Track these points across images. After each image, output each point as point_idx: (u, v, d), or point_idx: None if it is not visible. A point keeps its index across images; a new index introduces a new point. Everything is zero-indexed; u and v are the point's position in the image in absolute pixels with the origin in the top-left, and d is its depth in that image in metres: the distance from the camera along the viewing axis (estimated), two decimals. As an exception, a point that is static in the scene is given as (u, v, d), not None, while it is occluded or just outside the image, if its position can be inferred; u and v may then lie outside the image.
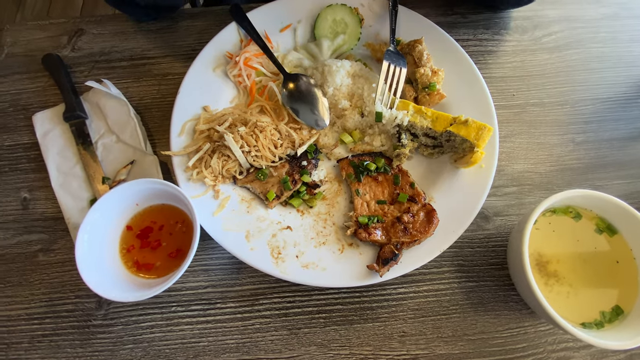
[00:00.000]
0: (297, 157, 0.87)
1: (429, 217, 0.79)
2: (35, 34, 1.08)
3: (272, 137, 0.86)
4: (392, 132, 0.87)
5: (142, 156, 0.91)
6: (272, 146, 0.86)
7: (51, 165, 0.91)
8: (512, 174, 0.93)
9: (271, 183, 0.85)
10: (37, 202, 0.91)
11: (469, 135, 0.80)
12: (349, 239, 0.82)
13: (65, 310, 0.83)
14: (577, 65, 1.04)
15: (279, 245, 0.80)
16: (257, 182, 0.85)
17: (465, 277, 0.84)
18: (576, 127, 0.98)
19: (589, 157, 0.95)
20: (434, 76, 0.89)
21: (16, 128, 0.98)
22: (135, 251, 0.79)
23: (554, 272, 0.77)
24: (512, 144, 0.96)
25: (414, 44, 0.91)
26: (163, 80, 1.03)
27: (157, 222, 0.81)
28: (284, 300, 0.82)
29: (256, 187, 0.85)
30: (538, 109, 0.99)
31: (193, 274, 0.84)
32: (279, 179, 0.84)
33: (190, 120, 0.90)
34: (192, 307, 0.82)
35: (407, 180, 0.85)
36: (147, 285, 0.74)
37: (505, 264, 0.85)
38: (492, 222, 0.88)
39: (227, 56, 0.96)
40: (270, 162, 0.86)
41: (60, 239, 0.88)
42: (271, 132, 0.86)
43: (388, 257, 0.75)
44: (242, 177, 0.86)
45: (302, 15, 1.01)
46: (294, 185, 0.84)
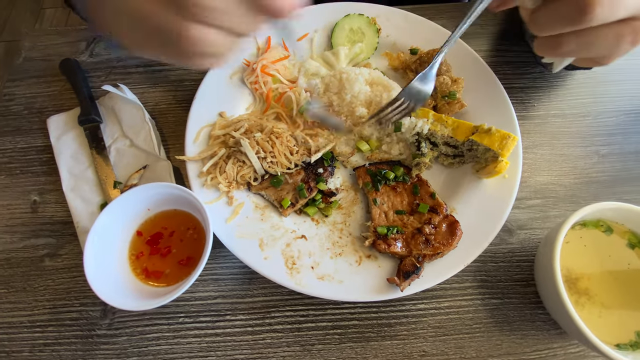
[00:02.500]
0: (312, 164, 0.85)
1: (452, 229, 0.75)
2: (54, 40, 1.09)
3: (287, 144, 0.84)
4: (411, 140, 0.85)
5: (155, 161, 0.90)
6: (288, 152, 0.84)
7: (63, 168, 0.90)
8: (535, 185, 0.89)
9: (286, 190, 0.82)
10: (47, 205, 0.89)
11: (493, 145, 0.77)
12: (366, 250, 0.79)
13: (69, 319, 0.79)
14: (598, 77, 1.02)
15: (294, 255, 0.77)
16: (271, 189, 0.83)
17: (489, 293, 0.79)
18: (600, 139, 0.95)
19: (615, 170, 0.91)
20: (453, 85, 0.87)
21: (30, 131, 0.97)
22: (145, 258, 0.76)
23: (585, 290, 0.72)
24: (535, 155, 0.93)
25: (433, 53, 0.90)
26: (179, 87, 1.02)
27: (168, 228, 0.78)
28: (297, 314, 0.78)
29: (270, 194, 0.82)
30: (560, 120, 0.97)
31: (203, 284, 0.81)
32: (294, 186, 0.82)
33: (206, 126, 0.89)
34: (201, 319, 0.78)
35: (427, 190, 0.82)
36: (155, 294, 0.71)
37: (531, 280, 0.80)
38: (516, 236, 0.84)
39: (244, 63, 0.96)
40: (286, 168, 0.84)
41: (67, 244, 0.85)
42: (287, 139, 0.85)
43: (410, 270, 0.71)
44: (256, 184, 0.83)
45: (319, 25, 1.01)
46: (309, 193, 0.81)
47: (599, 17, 0.48)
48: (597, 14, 0.47)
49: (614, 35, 0.51)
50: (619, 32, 0.50)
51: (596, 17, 0.48)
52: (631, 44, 0.52)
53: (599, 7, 0.47)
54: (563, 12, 0.49)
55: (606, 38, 0.51)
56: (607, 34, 0.51)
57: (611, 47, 0.52)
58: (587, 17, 0.48)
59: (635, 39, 0.51)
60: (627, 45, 0.52)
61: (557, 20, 0.50)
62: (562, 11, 0.49)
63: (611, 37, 0.51)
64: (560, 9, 0.49)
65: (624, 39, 0.51)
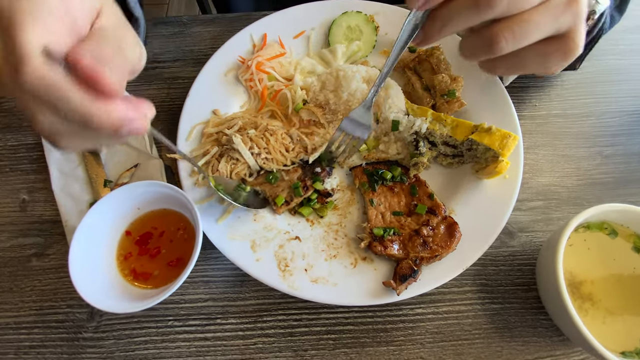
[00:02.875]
0: (310, 163, 0.83)
1: (450, 231, 0.73)
2: (49, 36, 1.07)
3: (283, 141, 0.82)
4: (409, 139, 0.82)
5: (146, 159, 0.87)
6: (284, 149, 0.81)
7: (53, 166, 0.88)
8: (537, 187, 0.87)
9: (281, 187, 0.80)
10: (36, 204, 0.87)
11: (493, 144, 0.75)
12: (362, 252, 0.76)
13: (55, 321, 0.77)
14: (599, 77, 1.00)
15: (287, 257, 0.75)
16: (267, 185, 0.80)
17: (489, 298, 0.77)
18: (603, 140, 0.92)
19: (619, 172, 0.89)
20: (452, 83, 0.85)
21: (20, 128, 0.96)
22: (133, 259, 0.74)
23: (588, 295, 0.69)
24: (536, 155, 0.90)
25: (432, 51, 0.88)
26: (173, 84, 1.00)
27: (157, 227, 0.76)
28: (290, 318, 0.76)
29: (265, 190, 0.80)
30: (562, 120, 0.94)
31: (193, 286, 0.78)
32: (290, 184, 0.80)
33: (199, 123, 0.87)
34: (190, 322, 0.75)
35: (425, 190, 0.79)
36: (143, 296, 0.69)
37: (533, 285, 0.78)
38: (517, 239, 0.82)
39: (239, 60, 0.94)
40: (282, 165, 0.82)
41: (55, 244, 0.83)
42: (282, 136, 0.83)
43: (406, 273, 0.69)
44: (251, 179, 0.81)
45: (316, 23, 0.99)
46: (304, 192, 0.79)
47: (506, 48, 0.50)
48: (503, 46, 0.50)
49: (537, 56, 0.53)
50: (542, 51, 0.52)
51: (503, 48, 0.50)
52: (562, 59, 0.53)
53: (503, 41, 0.49)
54: (477, 44, 0.52)
55: (531, 59, 0.53)
56: (530, 55, 0.53)
57: (542, 64, 0.54)
58: (495, 49, 0.50)
59: (564, 54, 0.52)
60: (557, 61, 0.53)
61: (475, 50, 0.53)
62: (477, 42, 0.52)
63: (536, 58, 0.53)
64: (475, 41, 0.52)
65: (550, 56, 0.53)
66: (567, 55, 0.52)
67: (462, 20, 0.50)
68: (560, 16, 0.50)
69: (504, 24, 0.50)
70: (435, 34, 0.54)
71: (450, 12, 0.51)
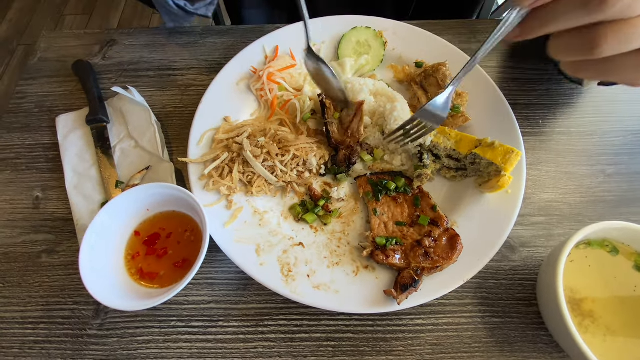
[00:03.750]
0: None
1: (452, 243, 0.74)
2: (69, 42, 1.12)
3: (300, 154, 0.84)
4: (414, 151, 0.84)
5: (158, 162, 0.90)
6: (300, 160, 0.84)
7: (67, 165, 0.91)
8: (539, 202, 0.88)
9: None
10: (49, 201, 0.90)
11: (496, 159, 0.76)
12: (364, 260, 0.77)
13: (61, 317, 0.79)
14: (605, 97, 1.02)
15: (290, 262, 0.76)
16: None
17: (490, 311, 0.77)
18: (606, 159, 0.93)
19: (622, 190, 0.90)
20: (458, 98, 0.87)
21: (39, 128, 0.99)
22: (141, 258, 0.76)
23: (589, 312, 0.69)
24: (539, 172, 0.91)
25: (438, 67, 0.91)
26: (186, 91, 1.04)
27: (165, 229, 0.78)
28: (291, 323, 0.76)
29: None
30: (565, 137, 0.96)
31: (197, 287, 0.80)
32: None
33: (210, 130, 0.90)
34: (193, 323, 0.77)
35: (428, 202, 0.81)
36: (149, 295, 0.70)
37: (533, 300, 0.78)
38: (519, 253, 0.82)
39: (251, 71, 0.98)
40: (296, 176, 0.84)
41: (66, 241, 0.85)
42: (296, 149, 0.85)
43: (407, 283, 0.70)
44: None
45: (327, 36, 1.03)
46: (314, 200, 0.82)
47: (607, 51, 0.49)
48: (605, 49, 0.48)
49: (632, 65, 0.51)
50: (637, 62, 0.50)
51: (604, 51, 0.48)
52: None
53: (605, 44, 0.48)
54: (575, 44, 0.50)
55: (624, 67, 0.51)
56: (624, 63, 0.51)
57: (632, 74, 0.52)
58: (595, 51, 0.49)
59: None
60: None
61: (570, 50, 0.51)
62: (575, 43, 0.50)
63: (629, 67, 0.51)
64: (573, 40, 0.50)
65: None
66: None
67: (567, 19, 0.49)
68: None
69: (612, 27, 0.48)
70: (537, 30, 0.52)
71: (556, 10, 0.49)
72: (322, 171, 0.86)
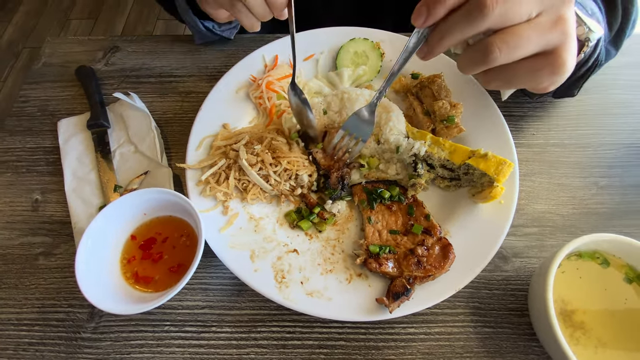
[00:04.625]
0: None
1: (445, 252, 0.75)
2: (74, 48, 1.15)
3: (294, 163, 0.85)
4: (408, 161, 0.85)
5: (156, 167, 0.92)
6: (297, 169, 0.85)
7: (67, 169, 0.93)
8: (532, 213, 0.89)
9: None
10: (48, 204, 0.91)
11: (489, 170, 0.77)
12: (357, 268, 0.78)
13: (56, 319, 0.79)
14: (598, 110, 1.03)
15: (284, 269, 0.77)
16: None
17: (482, 321, 0.77)
18: (599, 171, 0.94)
19: (614, 203, 0.90)
20: (452, 109, 0.89)
21: (40, 132, 1.01)
22: (136, 262, 0.76)
23: (580, 324, 0.70)
24: (532, 183, 0.93)
25: (434, 78, 0.93)
26: (187, 98, 1.06)
27: (162, 233, 0.79)
28: (284, 330, 0.77)
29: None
30: (559, 149, 0.97)
31: (191, 292, 0.80)
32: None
33: (209, 136, 0.91)
34: (186, 328, 0.77)
35: (422, 211, 0.82)
36: (143, 299, 0.71)
37: (525, 310, 0.78)
38: (511, 264, 0.83)
39: (250, 79, 1.00)
40: (292, 186, 0.85)
41: (63, 244, 0.86)
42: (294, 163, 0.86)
43: (399, 291, 0.70)
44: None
45: (325, 47, 1.05)
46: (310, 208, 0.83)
47: (500, 58, 0.54)
48: (497, 56, 0.54)
49: (528, 71, 0.57)
50: (533, 66, 0.56)
51: (497, 58, 0.54)
52: (551, 75, 0.56)
53: (497, 51, 0.54)
54: (474, 56, 0.57)
55: (523, 74, 0.57)
56: (521, 70, 0.57)
57: (533, 79, 0.58)
58: (489, 58, 0.55)
59: (553, 70, 0.56)
60: (548, 76, 0.57)
61: (471, 62, 0.58)
62: (473, 55, 0.57)
63: (527, 73, 0.57)
64: (472, 53, 0.57)
65: (541, 72, 0.56)
66: (556, 71, 0.56)
67: (458, 30, 0.55)
68: (547, 33, 0.54)
69: (497, 36, 0.54)
70: (437, 45, 0.58)
71: (447, 24, 0.55)
72: (315, 187, 0.87)
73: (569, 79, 0.84)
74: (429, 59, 0.63)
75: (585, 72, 0.84)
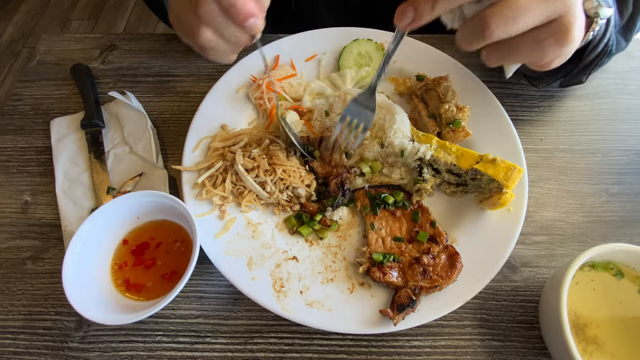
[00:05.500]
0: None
1: (452, 261, 0.71)
2: (70, 46, 1.12)
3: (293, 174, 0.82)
4: (413, 165, 0.82)
5: (151, 169, 0.88)
6: (298, 179, 0.81)
7: (59, 170, 0.89)
8: (541, 221, 0.85)
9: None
10: (38, 206, 0.87)
11: (497, 175, 0.74)
12: (360, 277, 0.74)
13: (43, 327, 0.75)
14: (607, 115, 1.00)
15: (283, 277, 0.73)
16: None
17: (490, 334, 0.74)
18: (610, 178, 0.91)
19: (625, 211, 0.87)
20: (459, 113, 0.86)
21: (33, 131, 0.98)
22: (128, 268, 0.73)
23: (593, 338, 0.66)
24: (541, 189, 0.89)
25: (440, 80, 0.90)
26: (185, 98, 1.03)
27: (155, 238, 0.75)
28: (282, 341, 0.73)
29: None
30: (568, 155, 0.94)
31: (185, 301, 0.76)
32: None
33: (207, 137, 0.88)
34: (179, 339, 0.73)
35: (427, 217, 0.79)
36: (133, 308, 0.67)
37: (535, 323, 0.75)
38: (520, 273, 0.80)
39: (251, 79, 0.97)
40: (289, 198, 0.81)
41: (52, 248, 0.83)
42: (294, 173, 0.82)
43: (404, 302, 0.67)
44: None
45: (328, 47, 1.03)
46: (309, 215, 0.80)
47: (497, 32, 0.52)
48: (494, 30, 0.52)
49: (531, 42, 0.54)
50: (536, 37, 0.54)
51: (494, 32, 0.52)
52: (556, 45, 0.54)
53: (493, 24, 0.52)
54: (470, 31, 0.55)
55: (526, 46, 0.55)
56: (524, 42, 0.55)
57: (536, 52, 0.56)
58: (487, 33, 0.53)
59: (558, 40, 0.54)
60: (552, 48, 0.55)
61: (469, 37, 0.55)
62: (470, 29, 0.55)
63: (530, 45, 0.55)
64: (468, 28, 0.55)
65: (544, 42, 0.54)
66: (561, 40, 0.53)
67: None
68: (549, 2, 0.51)
69: (493, 9, 0.52)
70: (426, 13, 0.55)
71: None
72: (314, 197, 0.83)
73: (578, 64, 0.82)
74: (415, 26, 0.59)
75: (595, 57, 0.81)
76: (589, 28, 0.68)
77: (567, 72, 0.87)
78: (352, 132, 0.80)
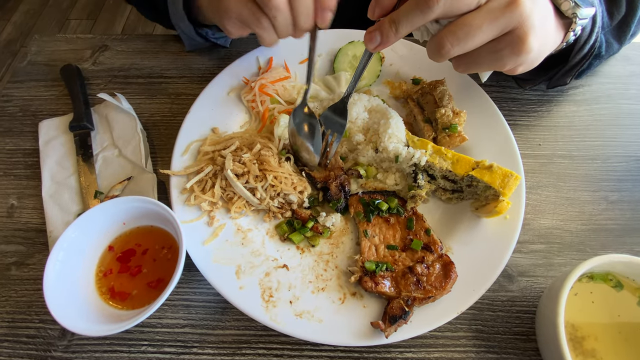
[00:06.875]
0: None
1: (446, 271, 0.69)
2: (61, 46, 1.10)
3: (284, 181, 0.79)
4: (408, 171, 0.80)
5: (140, 173, 0.86)
6: (290, 186, 0.79)
7: (46, 173, 0.87)
8: (538, 229, 0.83)
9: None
10: (24, 210, 0.85)
11: (494, 182, 0.72)
12: (352, 287, 0.72)
13: (26, 335, 0.73)
14: (607, 120, 0.98)
15: (272, 286, 0.71)
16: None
17: (485, 346, 0.72)
18: (609, 185, 0.89)
19: (625, 219, 0.85)
20: (455, 117, 0.84)
21: (21, 133, 0.96)
22: (113, 276, 0.71)
23: (591, 351, 0.64)
24: (539, 196, 0.87)
25: (436, 84, 0.88)
26: (176, 100, 1.01)
27: (141, 245, 0.73)
28: (271, 352, 0.71)
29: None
30: (566, 161, 0.92)
31: (172, 309, 0.74)
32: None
33: (197, 140, 0.86)
34: (165, 349, 0.71)
35: (422, 225, 0.76)
36: (117, 317, 0.65)
37: (532, 335, 0.72)
38: (517, 283, 0.78)
39: (243, 81, 0.95)
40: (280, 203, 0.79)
41: (37, 253, 0.81)
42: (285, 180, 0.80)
43: (396, 314, 0.65)
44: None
45: (322, 49, 1.01)
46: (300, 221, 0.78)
47: (452, 51, 0.57)
48: (449, 49, 0.57)
49: (490, 53, 0.58)
50: (494, 48, 0.58)
51: (449, 51, 0.57)
52: (513, 55, 0.58)
53: (448, 44, 0.57)
54: (431, 49, 0.60)
55: (485, 56, 0.59)
56: (482, 53, 0.59)
57: (496, 60, 0.59)
58: (443, 52, 0.58)
59: (514, 50, 0.57)
60: (510, 56, 0.58)
61: (433, 55, 0.60)
62: (431, 47, 0.60)
63: (489, 55, 0.59)
64: (430, 45, 0.60)
65: (501, 53, 0.58)
66: (517, 50, 0.57)
67: (409, 21, 0.57)
68: (500, 17, 0.55)
69: (447, 29, 0.56)
70: (392, 36, 0.60)
71: (399, 15, 0.58)
72: (307, 204, 0.81)
73: (563, 67, 0.84)
74: (382, 49, 0.64)
75: (581, 59, 0.81)
76: (569, 28, 0.69)
77: (553, 74, 0.87)
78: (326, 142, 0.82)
